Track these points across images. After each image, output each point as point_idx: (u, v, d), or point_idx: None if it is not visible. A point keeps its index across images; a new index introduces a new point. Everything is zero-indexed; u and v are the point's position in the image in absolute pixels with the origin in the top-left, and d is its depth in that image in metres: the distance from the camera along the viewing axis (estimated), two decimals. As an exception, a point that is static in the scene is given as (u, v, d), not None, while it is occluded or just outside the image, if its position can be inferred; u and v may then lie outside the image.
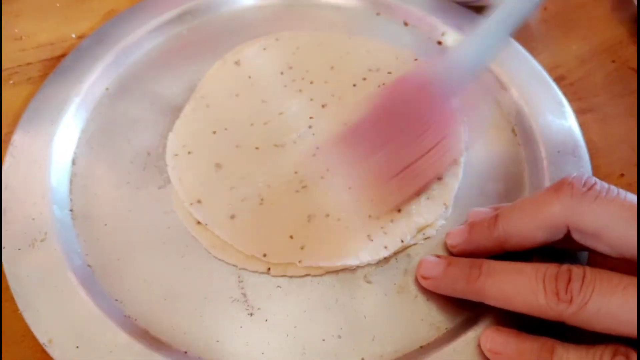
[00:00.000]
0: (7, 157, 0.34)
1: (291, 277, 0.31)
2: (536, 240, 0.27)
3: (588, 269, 0.24)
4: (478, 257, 0.29)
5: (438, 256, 0.31)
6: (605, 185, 0.26)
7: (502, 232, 0.28)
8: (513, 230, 0.28)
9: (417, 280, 0.31)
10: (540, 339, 0.26)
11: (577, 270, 0.25)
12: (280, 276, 0.31)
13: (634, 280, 0.23)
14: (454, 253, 0.31)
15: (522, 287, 0.26)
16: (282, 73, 0.39)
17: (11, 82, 0.39)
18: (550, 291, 0.25)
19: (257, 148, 0.35)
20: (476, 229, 0.30)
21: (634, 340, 0.23)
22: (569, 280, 0.24)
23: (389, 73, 0.39)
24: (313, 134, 0.36)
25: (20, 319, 0.29)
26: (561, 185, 0.27)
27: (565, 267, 0.25)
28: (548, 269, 0.25)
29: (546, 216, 0.27)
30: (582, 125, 0.37)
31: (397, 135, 0.31)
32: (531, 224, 0.27)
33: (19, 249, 0.30)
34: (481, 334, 0.28)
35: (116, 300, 0.30)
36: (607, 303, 0.23)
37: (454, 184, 0.34)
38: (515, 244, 0.28)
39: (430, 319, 0.30)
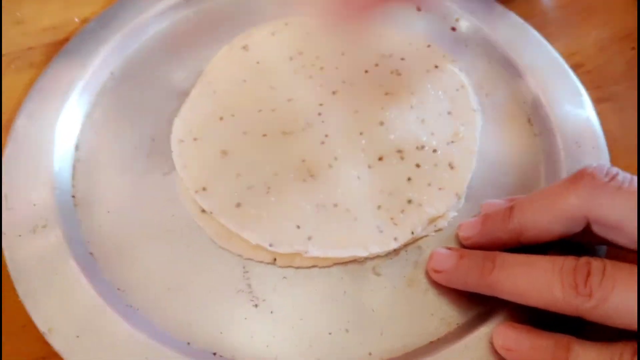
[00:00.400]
0: (9, 142, 0.33)
1: (298, 268, 0.30)
2: (553, 233, 0.26)
3: (609, 262, 0.23)
4: (491, 250, 0.28)
5: (450, 249, 0.30)
6: (628, 175, 0.25)
7: (518, 225, 0.27)
8: (529, 223, 0.27)
9: (427, 274, 0.30)
10: (555, 335, 0.25)
11: (596, 264, 0.24)
12: (287, 267, 0.30)
13: None
14: (466, 246, 0.30)
15: (538, 280, 0.25)
16: (291, 59, 0.38)
17: (13, 66, 0.39)
18: (568, 284, 0.23)
19: (264, 135, 0.34)
20: (490, 220, 0.29)
21: None
22: (589, 273, 0.23)
23: (402, 59, 0.38)
24: (322, 122, 0.35)
25: (20, 309, 0.28)
26: (581, 176, 0.25)
27: (584, 259, 0.24)
28: (565, 262, 0.24)
29: (565, 208, 0.26)
30: (600, 115, 0.36)
31: None
32: (549, 216, 0.26)
33: (20, 235, 0.30)
34: (493, 330, 0.27)
35: (118, 289, 0.29)
36: (628, 298, 0.22)
37: (466, 173, 0.33)
38: (532, 237, 0.27)
39: (441, 314, 0.29)
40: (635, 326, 0.22)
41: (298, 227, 0.31)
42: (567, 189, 0.26)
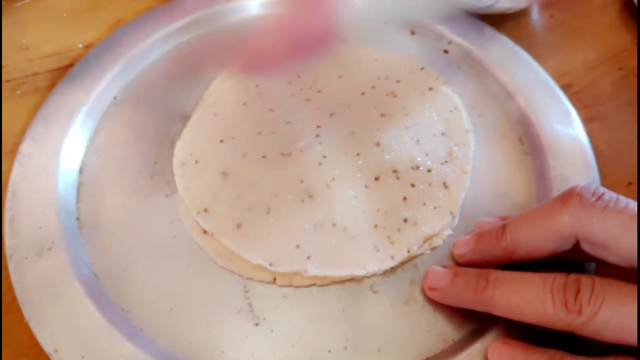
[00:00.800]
0: (15, 166, 0.34)
1: (297, 287, 0.31)
2: (545, 250, 0.27)
3: (597, 279, 0.24)
4: (485, 268, 0.29)
5: (444, 266, 0.30)
6: (614, 195, 0.26)
7: (510, 242, 0.28)
8: (521, 241, 0.28)
9: (423, 291, 0.31)
10: (548, 351, 0.25)
11: (585, 280, 0.24)
12: (286, 286, 0.31)
13: None
14: (460, 263, 0.31)
15: (530, 297, 0.25)
16: (290, 82, 0.39)
17: (18, 92, 0.40)
18: (559, 301, 0.24)
19: (264, 157, 0.35)
20: (483, 238, 0.30)
21: None
22: (578, 290, 0.24)
23: (397, 82, 0.39)
24: (320, 143, 0.35)
25: (26, 329, 0.29)
26: (569, 195, 0.26)
27: (573, 276, 0.25)
28: (556, 279, 0.25)
29: (555, 226, 0.26)
30: (589, 134, 0.37)
31: None
32: (540, 235, 0.27)
33: (26, 258, 0.31)
34: (488, 346, 0.28)
35: (122, 310, 0.30)
36: (617, 313, 0.23)
37: (461, 192, 0.34)
38: (524, 255, 0.28)
39: (437, 330, 0.30)
40: (624, 340, 0.23)
41: (297, 246, 0.31)
42: (557, 208, 0.27)
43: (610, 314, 0.23)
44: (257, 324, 0.30)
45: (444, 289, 0.29)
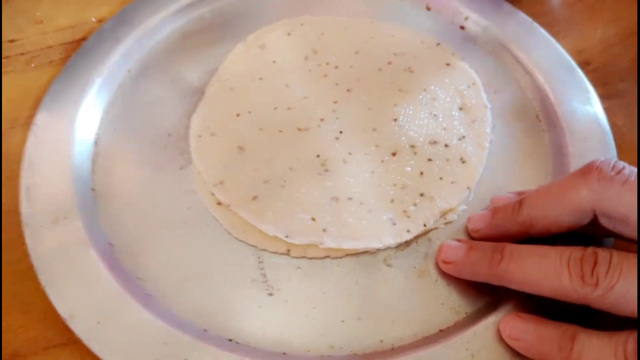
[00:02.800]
0: (30, 137, 0.34)
1: (311, 258, 0.31)
2: (562, 225, 0.27)
3: (615, 252, 0.24)
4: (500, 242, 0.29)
5: (459, 240, 0.30)
6: (635, 169, 0.25)
7: (528, 217, 0.28)
8: (539, 215, 0.28)
9: (437, 265, 0.31)
10: (561, 325, 0.25)
11: (603, 254, 0.24)
12: (300, 257, 0.31)
13: None
14: (475, 238, 0.31)
15: (546, 270, 0.25)
16: (306, 58, 0.39)
17: (33, 65, 0.40)
18: (575, 274, 0.24)
19: (280, 131, 0.35)
20: (500, 213, 0.30)
21: None
22: (595, 263, 0.24)
23: (414, 57, 0.38)
24: (337, 118, 0.35)
25: (42, 296, 0.29)
26: (589, 169, 0.26)
27: (590, 249, 0.25)
28: (573, 252, 0.25)
29: (573, 201, 0.26)
30: (607, 111, 0.36)
31: None
32: (558, 209, 0.27)
33: (42, 226, 0.31)
34: (501, 320, 0.28)
35: (137, 278, 0.30)
36: (634, 287, 0.23)
37: (478, 168, 0.34)
38: (541, 229, 0.28)
39: (450, 303, 0.30)
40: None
41: (313, 219, 0.31)
42: (576, 182, 0.26)
43: (627, 288, 0.23)
44: (271, 294, 0.30)
45: (458, 262, 0.29)
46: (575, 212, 0.26)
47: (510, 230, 0.29)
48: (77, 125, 0.35)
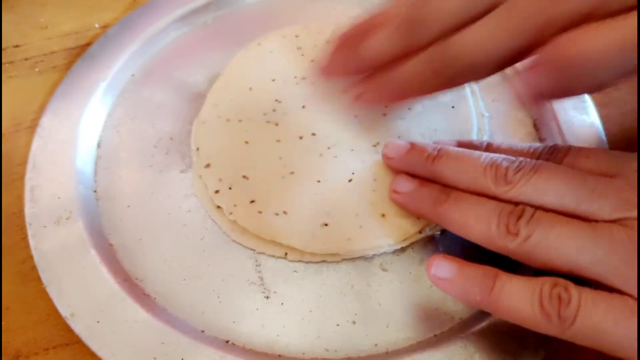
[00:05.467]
0: (35, 138, 0.35)
1: (308, 262, 0.31)
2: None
3: (539, 211, 0.25)
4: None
5: (412, 176, 0.31)
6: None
7: (439, 173, 0.29)
8: (449, 177, 0.29)
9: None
10: (484, 267, 0.26)
11: (530, 209, 0.25)
12: (297, 261, 0.31)
13: (573, 220, 0.25)
14: (388, 165, 0.32)
15: (481, 217, 0.26)
16: (307, 65, 0.39)
17: (37, 69, 0.40)
18: (502, 223, 0.25)
19: (278, 141, 0.35)
20: (414, 154, 0.31)
21: (572, 277, 0.24)
22: (520, 216, 0.25)
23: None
24: (333, 129, 0.36)
25: (45, 297, 0.30)
26: (492, 166, 0.28)
27: (521, 206, 0.26)
28: (507, 206, 0.26)
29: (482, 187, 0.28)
30: (603, 119, 0.36)
31: None
32: (468, 182, 0.28)
33: (45, 226, 0.31)
34: (428, 260, 0.28)
35: (136, 279, 0.31)
36: (546, 237, 0.24)
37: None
38: (450, 185, 0.29)
39: (445, 308, 0.30)
40: (551, 265, 0.25)
41: (311, 224, 0.31)
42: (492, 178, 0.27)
43: (540, 238, 0.24)
44: (267, 297, 0.30)
45: (406, 194, 0.31)
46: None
47: (419, 173, 0.30)
48: (81, 128, 0.36)
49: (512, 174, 0.26)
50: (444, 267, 0.27)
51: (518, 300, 0.24)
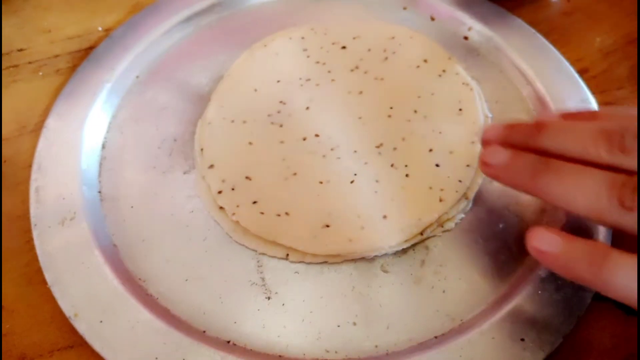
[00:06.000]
0: (40, 140, 0.35)
1: (309, 263, 0.32)
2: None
3: None
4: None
5: (504, 146, 0.28)
6: None
7: (544, 147, 0.26)
8: (555, 148, 0.26)
9: (433, 272, 0.31)
10: (593, 241, 0.24)
11: None
12: (299, 262, 0.32)
13: None
14: (485, 145, 0.29)
15: (587, 188, 0.24)
16: (310, 65, 0.39)
17: (40, 73, 0.41)
18: (615, 196, 0.23)
19: (281, 142, 0.35)
20: (516, 132, 0.28)
21: None
22: (635, 189, 0.23)
23: (417, 67, 0.39)
24: (337, 131, 0.36)
25: (48, 300, 0.30)
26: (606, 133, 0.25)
27: (635, 178, 0.23)
28: (618, 176, 0.24)
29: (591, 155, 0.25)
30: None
31: None
32: (575, 150, 0.26)
33: (50, 227, 0.32)
34: (527, 232, 0.25)
35: (140, 279, 0.31)
36: None
37: (477, 179, 0.34)
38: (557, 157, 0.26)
39: (446, 310, 0.30)
40: None
41: (313, 225, 0.32)
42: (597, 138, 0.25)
43: None
44: (268, 298, 0.30)
45: (497, 166, 0.27)
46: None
47: (522, 148, 0.27)
48: (85, 129, 0.36)
49: (631, 140, 0.23)
50: (548, 239, 0.24)
51: (631, 279, 0.22)
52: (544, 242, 0.24)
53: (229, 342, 0.29)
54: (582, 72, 0.39)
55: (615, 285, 0.23)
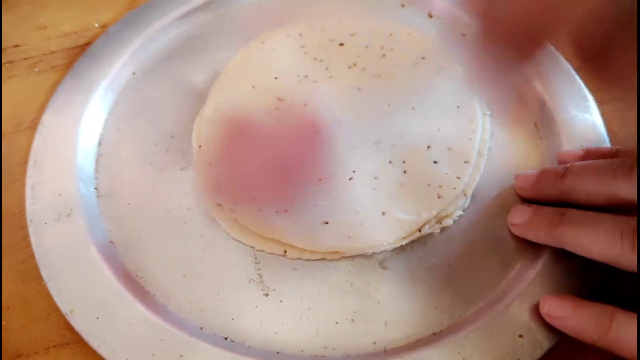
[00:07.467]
0: (36, 136, 0.35)
1: (307, 260, 0.31)
2: (600, 203, 0.28)
3: None
4: (541, 204, 0.31)
5: (526, 205, 0.32)
6: None
7: (569, 187, 0.29)
8: (581, 190, 0.29)
9: (431, 268, 0.31)
10: (599, 304, 0.26)
11: None
12: (297, 259, 0.31)
13: None
14: (519, 195, 0.33)
15: (600, 237, 0.26)
16: (307, 62, 0.39)
17: (36, 69, 0.41)
18: (627, 243, 0.25)
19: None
20: (544, 177, 0.31)
21: None
22: None
23: (415, 64, 0.39)
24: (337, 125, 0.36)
25: (44, 297, 0.30)
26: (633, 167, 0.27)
27: None
28: (629, 222, 0.26)
29: (613, 191, 0.27)
30: (604, 116, 0.36)
31: None
32: (599, 190, 0.28)
33: (46, 223, 0.32)
34: (540, 298, 0.28)
35: (137, 276, 0.31)
36: None
37: (476, 175, 0.34)
38: (580, 201, 0.29)
39: (444, 306, 0.30)
40: None
41: (311, 222, 0.32)
42: (621, 177, 0.27)
43: None
44: (266, 294, 0.30)
45: (522, 225, 0.31)
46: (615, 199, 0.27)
47: (552, 195, 0.31)
48: (82, 126, 0.36)
49: None
50: (557, 305, 0.27)
51: (635, 338, 0.24)
52: (554, 309, 0.27)
53: (226, 338, 0.29)
54: (579, 69, 0.39)
55: (620, 343, 0.25)
